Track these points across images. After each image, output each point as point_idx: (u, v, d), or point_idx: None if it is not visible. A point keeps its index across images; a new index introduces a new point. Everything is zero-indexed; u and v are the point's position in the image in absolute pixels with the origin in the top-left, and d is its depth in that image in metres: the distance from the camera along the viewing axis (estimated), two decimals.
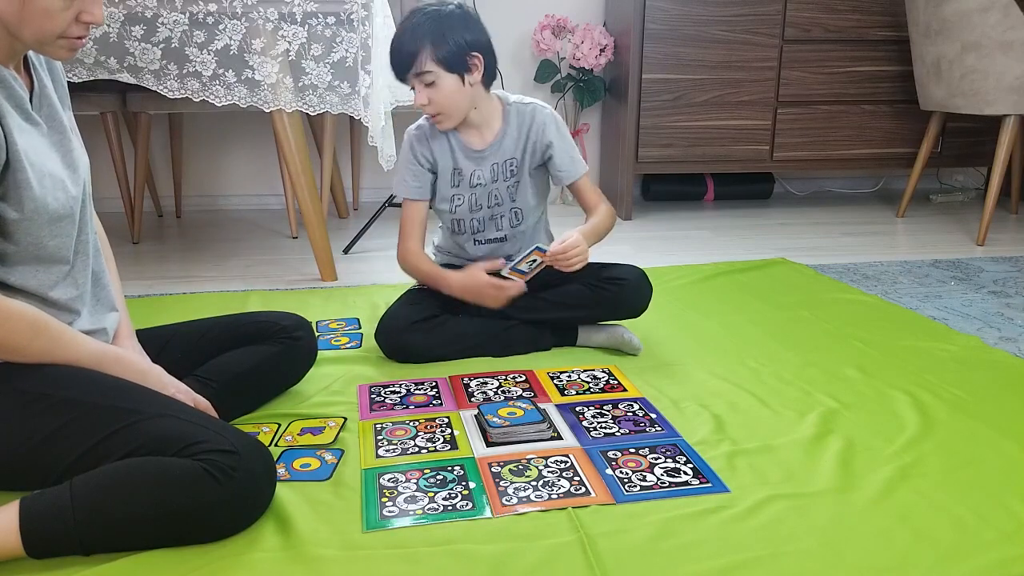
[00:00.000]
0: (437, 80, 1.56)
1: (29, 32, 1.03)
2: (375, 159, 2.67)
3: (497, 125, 1.69)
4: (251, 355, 1.38)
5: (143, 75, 1.99)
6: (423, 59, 1.54)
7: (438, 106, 1.59)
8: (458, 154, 1.69)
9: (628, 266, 1.75)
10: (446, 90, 1.58)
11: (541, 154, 1.70)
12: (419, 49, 1.54)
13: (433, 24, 1.54)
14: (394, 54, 1.58)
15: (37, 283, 1.10)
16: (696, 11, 2.96)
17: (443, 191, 1.71)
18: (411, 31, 1.55)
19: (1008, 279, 2.28)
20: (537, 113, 1.69)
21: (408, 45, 1.55)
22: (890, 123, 3.20)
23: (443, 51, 1.54)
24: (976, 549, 1.03)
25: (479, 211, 1.72)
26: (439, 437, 1.34)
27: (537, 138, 1.69)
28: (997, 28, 2.56)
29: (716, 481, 1.20)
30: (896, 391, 1.51)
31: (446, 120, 1.63)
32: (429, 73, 1.55)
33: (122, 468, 1.00)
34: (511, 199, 1.72)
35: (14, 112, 1.06)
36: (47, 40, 1.05)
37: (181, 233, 2.91)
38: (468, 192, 1.70)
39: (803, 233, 2.90)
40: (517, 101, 1.71)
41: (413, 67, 1.55)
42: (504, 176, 1.70)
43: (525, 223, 1.75)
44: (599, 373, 1.60)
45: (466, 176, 1.69)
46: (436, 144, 1.69)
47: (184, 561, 1.00)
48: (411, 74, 1.57)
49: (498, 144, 1.69)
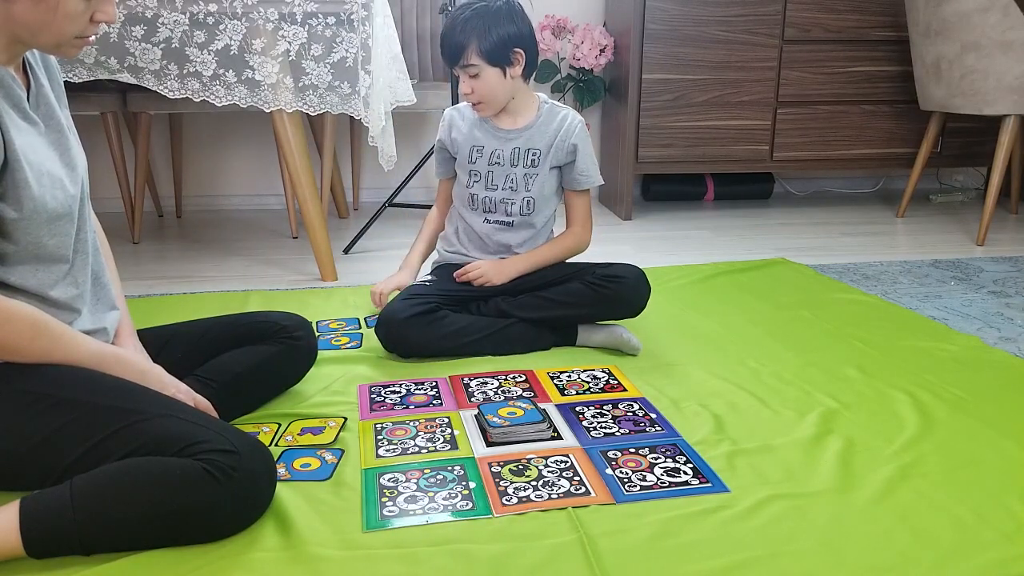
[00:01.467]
0: (481, 72, 1.67)
1: (50, 36, 1.05)
2: (375, 159, 2.67)
3: (531, 116, 1.78)
4: (251, 355, 1.38)
5: (143, 75, 1.99)
6: (469, 53, 1.66)
7: (480, 95, 1.70)
8: (483, 132, 1.79)
9: (627, 265, 1.75)
10: (489, 82, 1.69)
11: (565, 154, 1.76)
12: (466, 44, 1.65)
13: (480, 20, 1.65)
14: (444, 47, 1.70)
15: (37, 282, 1.10)
16: (696, 11, 2.96)
17: (461, 164, 1.81)
18: (461, 25, 1.66)
19: (1008, 279, 2.28)
20: (570, 116, 1.78)
21: (457, 38, 1.66)
22: (890, 123, 3.20)
23: (488, 46, 1.65)
24: (976, 549, 1.03)
25: (494, 191, 1.78)
26: (439, 437, 1.34)
27: (565, 138, 1.76)
28: (997, 28, 2.56)
29: (716, 481, 1.20)
30: (896, 391, 1.51)
31: (487, 108, 1.74)
32: (474, 66, 1.67)
33: (122, 468, 1.00)
34: (526, 188, 1.77)
35: (12, 111, 1.06)
36: (65, 41, 1.06)
37: (181, 233, 2.91)
38: (486, 170, 1.78)
39: (803, 233, 2.90)
40: (553, 103, 1.80)
41: (460, 60, 1.67)
42: (524, 163, 1.76)
43: (535, 216, 1.79)
44: (599, 373, 1.60)
45: (486, 154, 1.77)
46: (469, 127, 1.80)
47: (184, 561, 1.00)
48: (457, 66, 1.69)
49: (526, 131, 1.77)
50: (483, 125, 1.78)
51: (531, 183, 1.77)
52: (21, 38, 1.05)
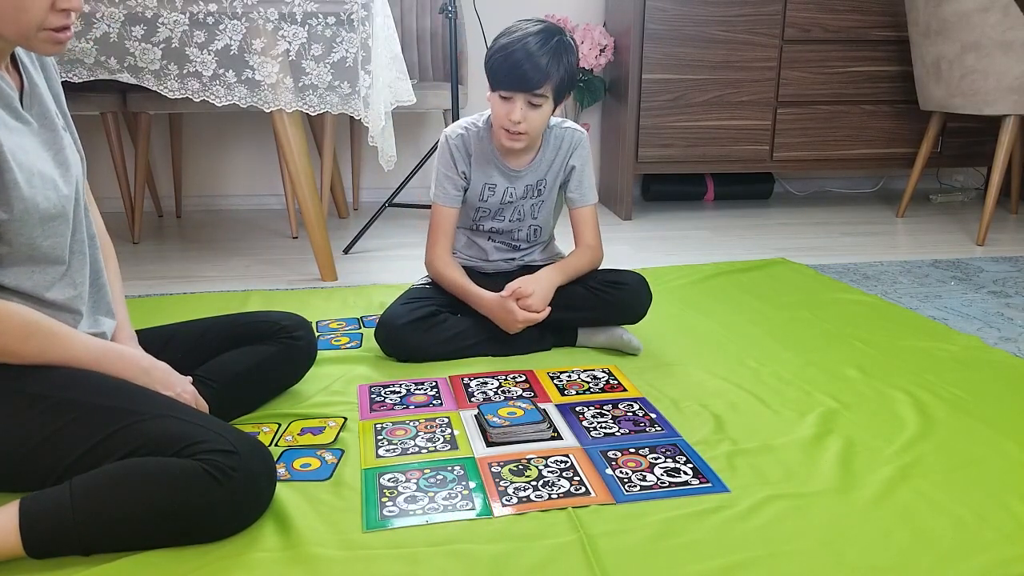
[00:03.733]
0: (543, 106, 1.60)
1: (7, 27, 1.01)
2: (375, 159, 2.67)
3: (537, 146, 1.73)
4: (251, 355, 1.38)
5: (143, 75, 1.99)
6: (546, 87, 1.57)
7: (529, 127, 1.61)
8: (496, 171, 1.72)
9: (629, 272, 1.76)
10: (543, 116, 1.62)
11: (565, 174, 1.75)
12: (550, 74, 1.56)
13: (566, 55, 1.58)
14: (518, 69, 1.55)
15: (32, 284, 1.10)
16: (696, 11, 2.96)
17: (471, 201, 1.75)
18: (549, 54, 1.55)
19: (1008, 279, 2.28)
20: (573, 138, 1.74)
21: (543, 67, 1.55)
22: (890, 123, 3.20)
23: (562, 84, 1.59)
24: (976, 549, 1.03)
25: (501, 222, 1.77)
26: (439, 437, 1.34)
27: (565, 160, 1.74)
28: (997, 28, 2.56)
29: (716, 481, 1.20)
30: (896, 391, 1.51)
31: (526, 140, 1.64)
32: (544, 98, 1.58)
33: (122, 468, 1.00)
34: (532, 216, 1.77)
35: (2, 111, 1.05)
36: (28, 34, 1.02)
37: (181, 233, 2.91)
38: (496, 207, 1.74)
39: (803, 233, 2.90)
40: (556, 124, 1.74)
41: (536, 88, 1.56)
42: (532, 195, 1.74)
43: (540, 237, 1.82)
44: (599, 373, 1.60)
45: (499, 193, 1.73)
46: (476, 160, 1.72)
47: (184, 561, 1.00)
48: (527, 93, 1.57)
49: (536, 166, 1.73)
50: (494, 161, 1.71)
51: (537, 211, 1.77)
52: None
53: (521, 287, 1.63)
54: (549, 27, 1.60)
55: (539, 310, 1.64)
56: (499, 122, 1.62)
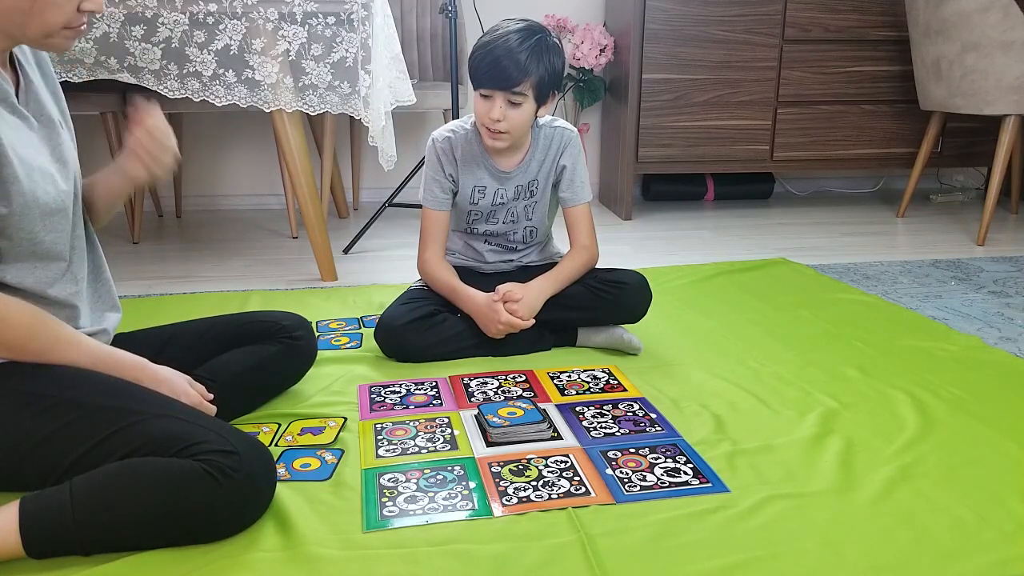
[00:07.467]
0: (523, 104, 1.58)
1: (36, 26, 1.03)
2: (375, 159, 2.67)
3: (526, 147, 1.72)
4: (251, 355, 1.38)
5: (143, 75, 1.99)
6: (525, 85, 1.56)
7: (509, 126, 1.60)
8: (485, 173, 1.71)
9: (629, 271, 1.75)
10: (524, 115, 1.60)
11: (557, 173, 1.74)
12: (528, 72, 1.55)
13: (545, 53, 1.56)
14: (496, 67, 1.54)
15: (34, 280, 1.10)
16: (696, 11, 2.96)
17: (462, 204, 1.74)
18: (526, 52, 1.54)
19: (1008, 279, 2.28)
20: (563, 136, 1.72)
21: (519, 64, 1.54)
22: (890, 123, 3.20)
23: (542, 83, 1.58)
24: (976, 549, 1.03)
25: (495, 224, 1.76)
26: (439, 437, 1.34)
27: (556, 159, 1.72)
28: (997, 28, 2.56)
29: (716, 481, 1.20)
30: (896, 391, 1.51)
31: (507, 139, 1.63)
32: (523, 96, 1.57)
33: (122, 468, 1.00)
34: (527, 218, 1.77)
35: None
36: (52, 32, 1.05)
37: (181, 233, 2.91)
38: (488, 209, 1.73)
39: (803, 233, 2.90)
40: (547, 124, 1.73)
41: (513, 86, 1.56)
42: (524, 196, 1.73)
43: (537, 239, 1.81)
44: (599, 373, 1.60)
45: (489, 195, 1.72)
46: (463, 162, 1.71)
47: (184, 561, 1.00)
48: (506, 91, 1.56)
49: (525, 166, 1.72)
50: (483, 162, 1.70)
51: (532, 212, 1.76)
52: (7, 30, 1.04)
53: (511, 290, 1.63)
54: (531, 25, 1.59)
55: (524, 318, 1.63)
56: (480, 121, 1.63)
